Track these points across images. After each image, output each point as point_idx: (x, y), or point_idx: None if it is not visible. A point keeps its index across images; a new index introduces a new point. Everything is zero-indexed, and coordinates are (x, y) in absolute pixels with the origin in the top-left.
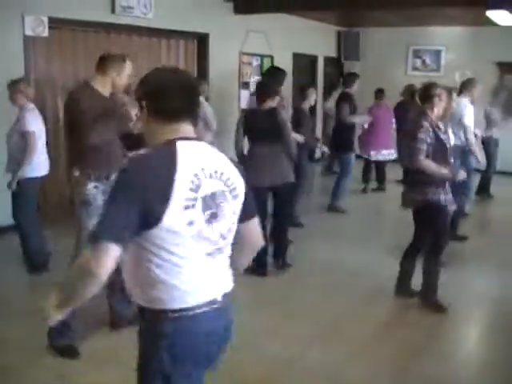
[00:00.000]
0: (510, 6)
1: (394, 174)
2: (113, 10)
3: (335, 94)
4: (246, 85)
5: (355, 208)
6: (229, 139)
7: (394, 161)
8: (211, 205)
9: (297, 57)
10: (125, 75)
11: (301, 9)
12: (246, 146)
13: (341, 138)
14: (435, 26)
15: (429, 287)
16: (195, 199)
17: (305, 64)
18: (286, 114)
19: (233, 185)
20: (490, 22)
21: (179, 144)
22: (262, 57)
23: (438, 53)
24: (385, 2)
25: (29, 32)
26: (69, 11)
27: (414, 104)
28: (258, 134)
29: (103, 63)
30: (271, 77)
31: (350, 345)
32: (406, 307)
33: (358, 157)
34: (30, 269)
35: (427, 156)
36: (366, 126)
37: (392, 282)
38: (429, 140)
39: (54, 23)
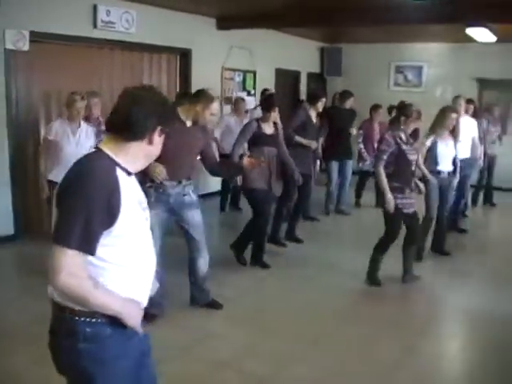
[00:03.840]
0: (489, 23)
1: None
2: (94, 25)
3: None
4: (228, 100)
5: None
6: None
7: None
8: None
9: (279, 72)
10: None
11: (283, 25)
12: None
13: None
14: (417, 43)
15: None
16: None
17: (287, 79)
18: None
19: None
20: (470, 39)
21: None
22: (245, 72)
23: (419, 68)
24: (367, 18)
25: (9, 46)
26: (50, 25)
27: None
28: None
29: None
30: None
31: (329, 360)
32: (384, 323)
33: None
34: None
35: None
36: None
37: (372, 291)
38: (390, 150)
39: (36, 37)
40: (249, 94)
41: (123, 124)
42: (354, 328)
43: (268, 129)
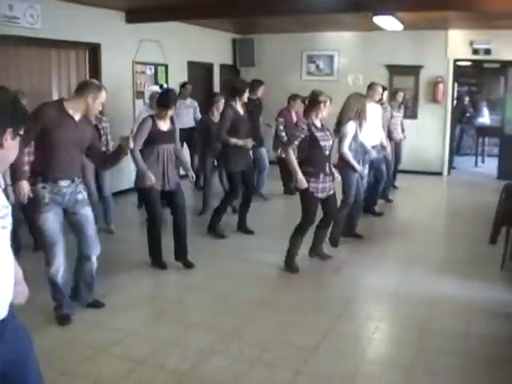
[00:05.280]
0: (394, 11)
1: None
2: None
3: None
4: (140, 94)
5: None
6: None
7: None
8: None
9: (192, 65)
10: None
11: (194, 17)
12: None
13: None
14: (328, 32)
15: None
16: None
17: (200, 72)
18: None
19: None
20: (379, 27)
21: None
22: (156, 66)
23: (331, 57)
24: (277, 9)
25: None
26: None
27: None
28: None
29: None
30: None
31: (250, 349)
32: (303, 308)
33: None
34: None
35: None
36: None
37: (291, 277)
38: (302, 136)
39: None
40: (161, 87)
41: None
42: (273, 315)
43: (164, 125)
